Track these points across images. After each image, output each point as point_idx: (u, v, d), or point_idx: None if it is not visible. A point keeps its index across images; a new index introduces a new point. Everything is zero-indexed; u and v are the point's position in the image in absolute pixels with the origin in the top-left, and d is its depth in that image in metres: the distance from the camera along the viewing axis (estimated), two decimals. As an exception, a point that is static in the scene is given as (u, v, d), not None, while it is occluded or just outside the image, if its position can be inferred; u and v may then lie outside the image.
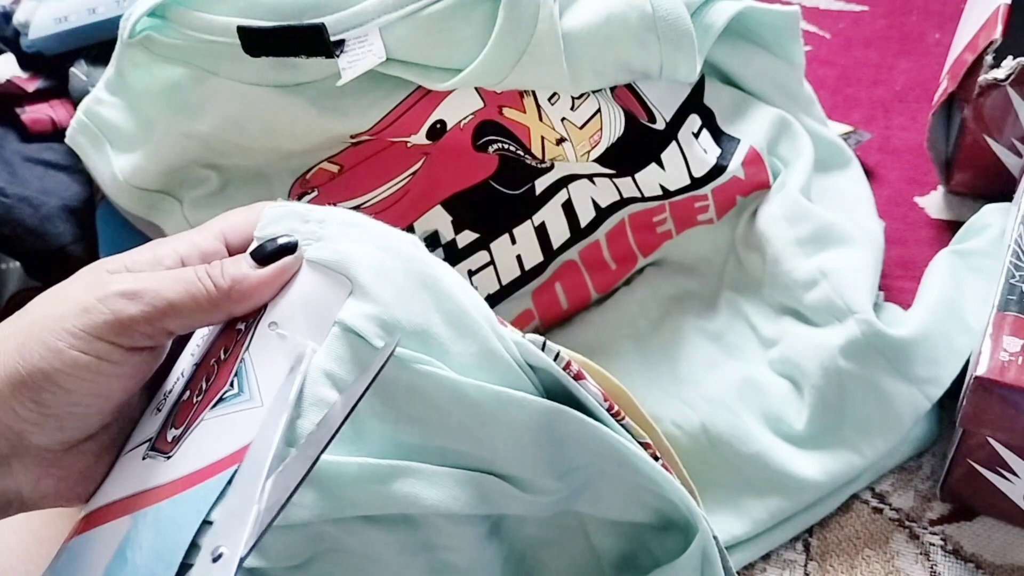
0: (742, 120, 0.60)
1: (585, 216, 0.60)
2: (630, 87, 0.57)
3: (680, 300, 0.61)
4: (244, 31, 0.50)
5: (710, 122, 0.60)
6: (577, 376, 0.40)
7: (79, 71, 0.60)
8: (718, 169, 0.59)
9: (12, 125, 0.60)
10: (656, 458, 0.41)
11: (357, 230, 0.40)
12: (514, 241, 0.58)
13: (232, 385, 0.38)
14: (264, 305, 0.39)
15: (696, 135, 0.59)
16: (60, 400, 0.36)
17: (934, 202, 0.67)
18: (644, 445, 0.41)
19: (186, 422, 0.38)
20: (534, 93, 0.55)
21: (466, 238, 0.57)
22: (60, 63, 0.60)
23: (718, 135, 0.60)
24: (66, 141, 0.56)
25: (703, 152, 0.59)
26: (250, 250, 0.39)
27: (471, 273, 0.58)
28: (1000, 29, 0.57)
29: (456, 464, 0.39)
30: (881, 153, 0.70)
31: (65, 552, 0.38)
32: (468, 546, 0.40)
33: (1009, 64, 0.57)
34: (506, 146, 0.56)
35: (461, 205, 0.57)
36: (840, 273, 0.55)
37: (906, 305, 0.57)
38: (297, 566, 0.39)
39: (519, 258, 0.59)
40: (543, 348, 0.39)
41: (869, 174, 0.66)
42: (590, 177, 0.59)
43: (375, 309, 0.37)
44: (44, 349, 0.35)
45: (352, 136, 0.54)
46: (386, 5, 0.50)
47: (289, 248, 0.39)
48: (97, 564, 0.36)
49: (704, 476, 0.51)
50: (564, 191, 0.59)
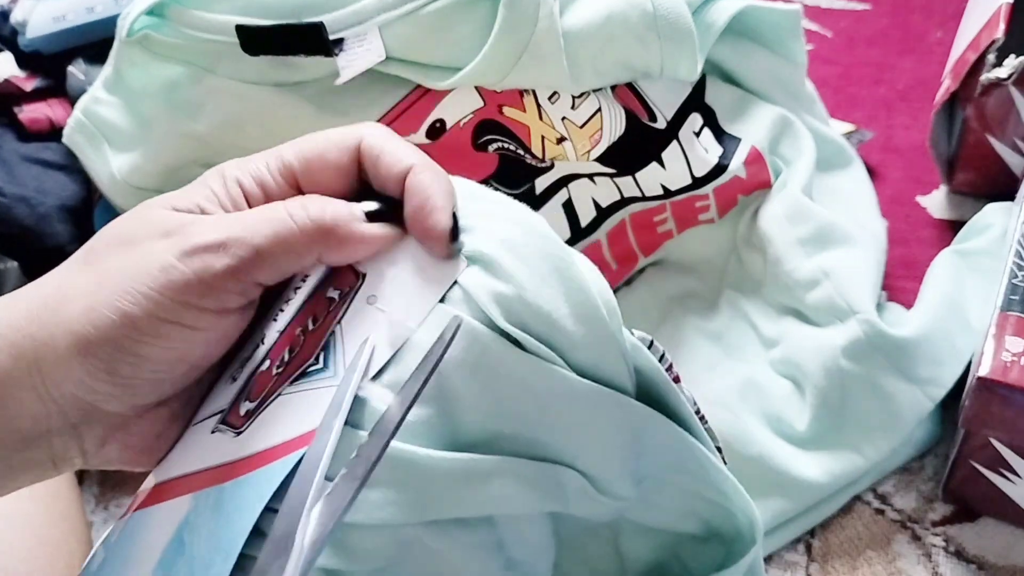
0: (743, 119, 0.60)
1: (586, 216, 0.60)
2: (631, 86, 0.57)
3: (681, 300, 0.61)
4: (243, 30, 0.50)
5: (711, 121, 0.60)
6: (676, 379, 0.37)
7: (77, 70, 0.60)
8: (719, 168, 0.59)
9: (10, 124, 0.60)
10: (724, 461, 0.39)
11: (485, 203, 0.37)
12: (514, 241, 0.58)
13: (318, 359, 0.34)
14: (362, 275, 0.35)
15: (697, 134, 0.59)
16: (137, 370, 0.32)
17: (936, 201, 0.66)
18: (717, 448, 0.39)
19: (262, 395, 0.35)
20: (534, 92, 0.54)
21: (466, 238, 0.57)
22: (58, 62, 0.60)
23: (719, 134, 0.60)
24: (63, 140, 0.56)
25: (704, 151, 0.58)
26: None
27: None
28: (1002, 28, 0.57)
29: (543, 454, 0.36)
30: (883, 152, 0.70)
31: (123, 527, 0.35)
32: (534, 541, 0.38)
33: (1011, 63, 0.56)
34: (506, 145, 0.55)
35: (461, 205, 0.57)
36: (842, 273, 0.55)
37: (908, 305, 0.57)
38: (378, 568, 0.35)
39: (519, 258, 0.59)
40: (650, 347, 0.37)
41: (871, 173, 0.66)
42: (591, 176, 0.58)
43: (505, 288, 0.34)
44: (118, 315, 0.31)
45: (351, 135, 0.54)
46: (385, 3, 0.50)
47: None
48: (154, 545, 0.33)
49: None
50: (564, 190, 0.58)
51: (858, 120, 0.71)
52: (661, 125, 0.58)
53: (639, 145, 0.57)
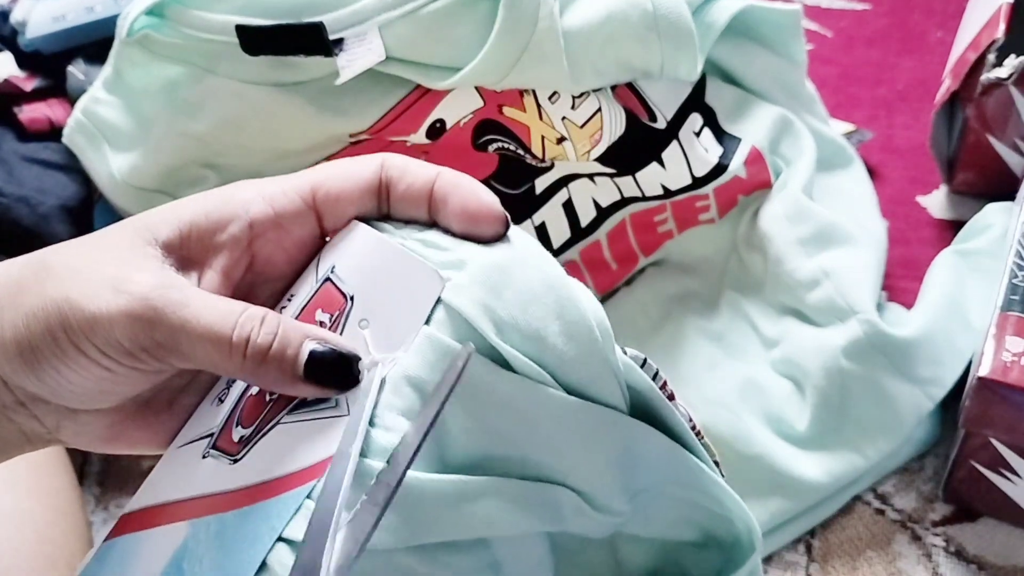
0: (744, 119, 0.60)
1: (586, 216, 0.59)
2: (631, 86, 0.57)
3: (681, 300, 0.61)
4: (243, 30, 0.50)
5: (712, 121, 0.59)
6: (671, 397, 0.37)
7: (77, 70, 0.60)
8: (720, 168, 0.59)
9: (9, 124, 0.59)
10: (722, 474, 0.39)
11: None
12: (514, 241, 0.58)
13: None
14: (350, 296, 0.35)
15: (697, 134, 0.59)
16: (62, 386, 0.33)
17: (936, 201, 0.66)
18: (716, 463, 0.39)
19: (257, 422, 0.34)
20: (534, 92, 0.54)
21: (466, 238, 0.57)
22: (58, 62, 0.60)
23: (720, 134, 0.60)
24: (63, 140, 0.56)
25: (704, 151, 0.58)
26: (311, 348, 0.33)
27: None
28: (1002, 28, 0.57)
29: (535, 474, 0.35)
30: (883, 152, 0.70)
31: (108, 550, 0.34)
32: (531, 560, 0.38)
33: (1012, 63, 0.56)
34: (506, 145, 0.55)
35: (461, 205, 0.56)
36: (842, 273, 0.55)
37: (908, 305, 0.57)
38: None
39: (519, 258, 0.59)
40: (643, 365, 0.36)
41: (871, 173, 0.66)
42: (591, 176, 0.58)
43: (496, 304, 0.34)
44: (48, 337, 0.31)
45: (351, 135, 0.54)
46: (385, 3, 0.50)
47: (352, 373, 0.33)
48: (147, 572, 0.33)
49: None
50: (564, 190, 0.58)
51: (858, 120, 0.71)
52: (661, 125, 0.58)
53: (639, 145, 0.57)
